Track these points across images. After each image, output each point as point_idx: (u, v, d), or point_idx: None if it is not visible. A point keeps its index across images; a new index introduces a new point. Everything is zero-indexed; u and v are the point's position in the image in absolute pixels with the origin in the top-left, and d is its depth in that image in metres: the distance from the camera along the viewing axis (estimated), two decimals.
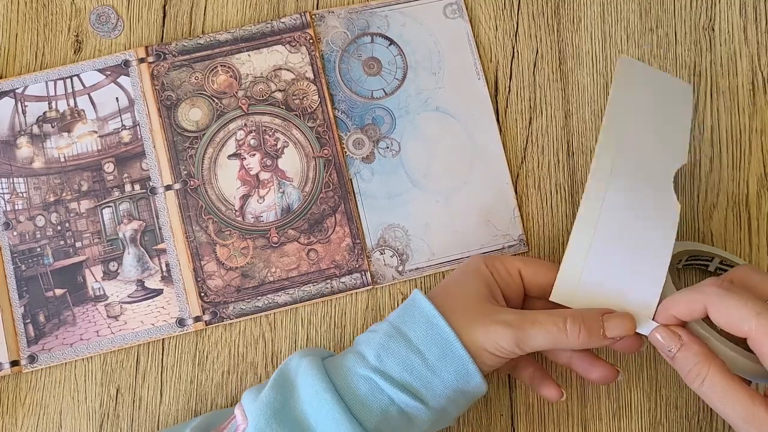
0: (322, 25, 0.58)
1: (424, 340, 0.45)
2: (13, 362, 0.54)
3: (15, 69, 0.58)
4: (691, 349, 0.43)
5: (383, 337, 0.46)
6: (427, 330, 0.45)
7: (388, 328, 0.46)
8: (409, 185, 0.56)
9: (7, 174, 0.56)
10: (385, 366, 0.45)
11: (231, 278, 0.55)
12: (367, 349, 0.46)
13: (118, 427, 0.54)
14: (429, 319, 0.45)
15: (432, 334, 0.45)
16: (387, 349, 0.45)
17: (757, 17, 0.58)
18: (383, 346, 0.45)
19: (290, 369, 0.46)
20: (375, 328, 0.47)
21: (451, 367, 0.45)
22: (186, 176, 0.56)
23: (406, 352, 0.45)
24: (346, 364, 0.45)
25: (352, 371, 0.45)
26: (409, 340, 0.45)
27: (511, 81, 0.58)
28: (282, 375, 0.46)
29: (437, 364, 0.45)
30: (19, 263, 0.55)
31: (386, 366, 0.45)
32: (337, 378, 0.45)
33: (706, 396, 0.43)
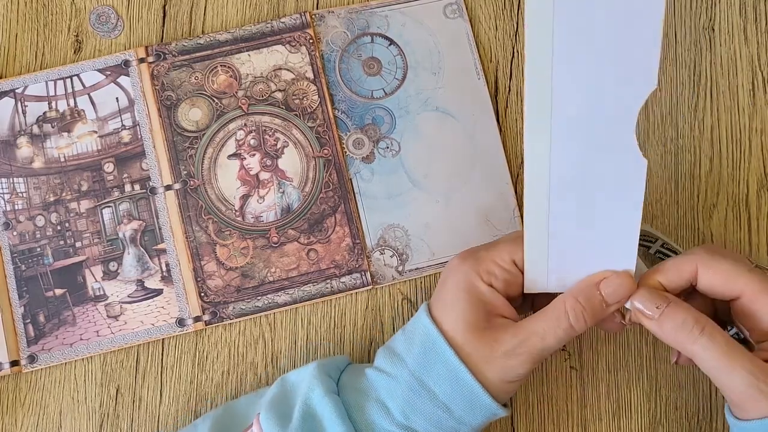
0: (322, 25, 0.58)
1: (451, 394, 0.44)
2: (13, 362, 0.54)
3: (15, 69, 0.58)
4: (682, 304, 0.41)
5: (407, 392, 0.44)
6: (452, 385, 0.44)
7: (410, 380, 0.44)
8: (409, 185, 0.56)
9: (7, 174, 0.56)
10: (412, 423, 0.44)
11: (231, 278, 0.55)
12: (391, 403, 0.45)
13: (118, 427, 0.54)
14: (454, 372, 0.44)
15: (458, 389, 0.44)
16: (412, 405, 0.44)
17: (757, 17, 0.58)
18: (408, 402, 0.44)
19: (315, 407, 0.45)
20: (391, 370, 0.45)
21: (478, 415, 0.44)
22: (186, 176, 0.56)
23: (432, 409, 0.44)
24: (372, 416, 0.45)
25: (378, 426, 0.44)
26: (435, 396, 0.44)
27: (511, 81, 0.58)
28: (309, 414, 0.45)
29: (464, 416, 0.44)
30: (19, 263, 0.55)
31: (413, 422, 0.44)
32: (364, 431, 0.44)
33: (703, 353, 0.40)
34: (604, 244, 0.43)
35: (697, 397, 0.54)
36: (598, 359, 0.54)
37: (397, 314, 0.55)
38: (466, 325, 0.44)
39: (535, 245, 0.44)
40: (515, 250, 0.45)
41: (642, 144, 0.57)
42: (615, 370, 0.54)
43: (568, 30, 0.39)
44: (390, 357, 0.46)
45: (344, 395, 0.46)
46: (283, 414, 0.46)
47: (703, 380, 0.54)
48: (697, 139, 0.57)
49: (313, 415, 0.45)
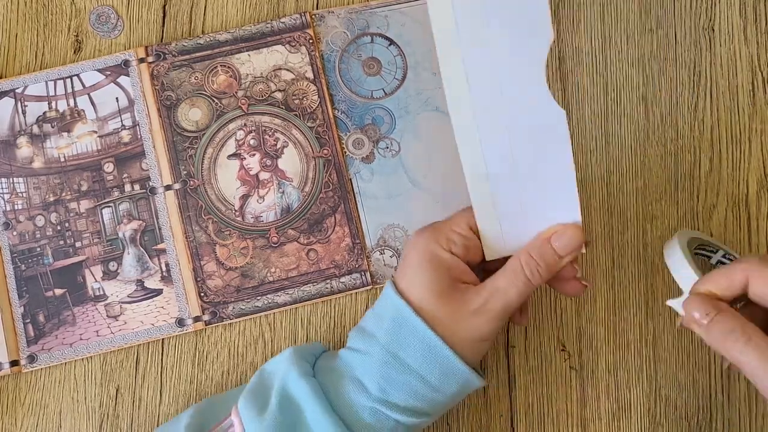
0: (321, 25, 0.58)
1: (424, 364, 0.45)
2: (12, 362, 0.54)
3: (15, 69, 0.58)
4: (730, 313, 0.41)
5: (381, 366, 0.45)
6: (425, 354, 0.45)
7: (383, 354, 0.45)
8: (409, 185, 0.56)
9: (7, 174, 0.56)
10: (389, 396, 0.45)
11: (231, 278, 0.55)
12: (367, 379, 0.45)
13: (118, 427, 0.54)
14: (425, 341, 0.45)
15: (431, 358, 0.45)
16: (388, 379, 0.45)
17: (757, 17, 0.58)
18: (383, 376, 0.45)
19: (292, 390, 0.46)
20: (364, 348, 0.46)
21: (453, 381, 0.45)
22: (186, 176, 0.56)
23: (408, 380, 0.45)
24: (348, 394, 0.45)
25: (356, 402, 0.45)
26: (409, 367, 0.45)
27: None
28: (286, 397, 0.46)
29: (440, 384, 0.45)
30: (18, 263, 0.55)
31: (390, 396, 0.45)
32: (342, 410, 0.45)
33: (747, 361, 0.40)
34: (547, 201, 0.46)
35: (697, 397, 0.54)
36: (598, 359, 0.54)
37: None
38: (431, 293, 0.45)
39: (484, 213, 0.47)
40: (470, 216, 0.47)
41: (642, 144, 0.57)
42: (615, 370, 0.54)
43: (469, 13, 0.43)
44: (362, 335, 0.47)
45: (319, 377, 0.47)
46: (262, 401, 0.46)
47: (703, 380, 0.54)
48: (697, 139, 0.57)
49: (289, 398, 0.46)
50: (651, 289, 0.55)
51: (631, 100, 0.58)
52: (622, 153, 0.57)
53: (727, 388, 0.54)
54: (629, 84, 0.58)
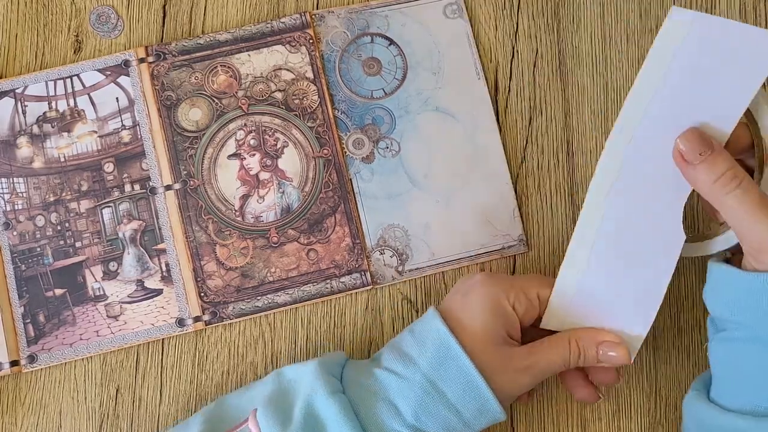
0: (322, 25, 0.58)
1: (463, 399, 0.45)
2: (12, 362, 0.54)
3: (15, 69, 0.58)
4: (724, 153, 0.41)
5: (420, 394, 0.45)
6: (465, 390, 0.45)
7: (423, 383, 0.45)
8: (409, 185, 0.56)
9: (7, 174, 0.56)
10: (423, 425, 0.45)
11: (231, 278, 0.55)
12: (402, 404, 0.45)
13: (118, 427, 0.54)
14: (469, 379, 0.45)
15: (471, 394, 0.45)
16: (425, 408, 0.45)
17: (757, 17, 0.58)
18: (421, 404, 0.45)
19: (318, 409, 0.46)
20: (404, 372, 0.46)
21: (484, 420, 0.47)
22: (186, 176, 0.56)
23: (444, 413, 0.45)
24: (381, 417, 0.45)
25: (388, 427, 0.45)
26: (447, 400, 0.45)
27: (511, 81, 0.58)
28: (311, 416, 0.45)
29: (473, 420, 0.46)
30: (19, 263, 0.55)
31: (424, 425, 0.45)
32: (372, 431, 0.45)
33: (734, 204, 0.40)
34: (625, 304, 0.48)
35: None
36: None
37: (397, 314, 0.55)
38: (486, 336, 0.46)
39: (564, 289, 0.49)
40: (542, 286, 0.49)
41: None
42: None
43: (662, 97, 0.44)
44: (401, 358, 0.47)
45: (349, 393, 0.46)
46: (283, 412, 0.46)
47: None
48: None
49: (315, 416, 0.45)
50: None
51: None
52: None
53: None
54: (629, 84, 0.58)
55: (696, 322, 0.55)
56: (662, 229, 0.46)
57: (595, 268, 0.48)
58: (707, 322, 0.46)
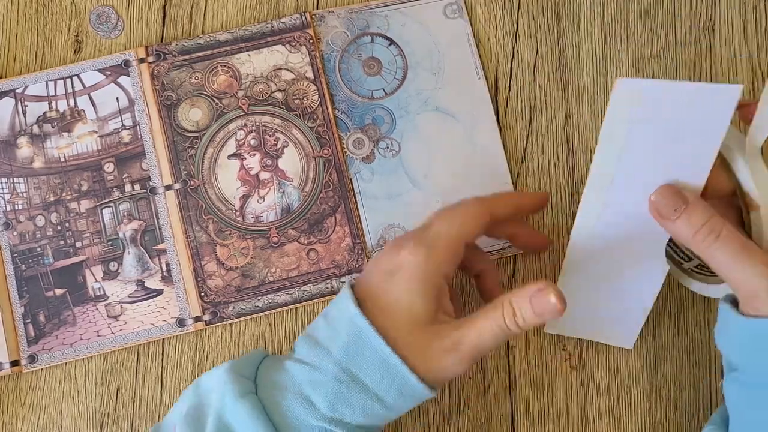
0: (322, 25, 0.58)
1: (381, 383, 0.43)
2: (13, 362, 0.54)
3: (15, 69, 0.58)
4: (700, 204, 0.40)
5: (335, 384, 0.42)
6: (382, 373, 0.43)
7: (337, 372, 0.43)
8: (409, 185, 0.56)
9: (7, 174, 0.56)
10: (341, 414, 0.43)
11: (231, 278, 0.55)
12: (317, 397, 0.43)
13: (118, 427, 0.54)
14: (383, 361, 0.42)
15: (388, 378, 0.43)
16: (341, 398, 0.42)
17: (757, 17, 0.58)
18: (335, 394, 0.42)
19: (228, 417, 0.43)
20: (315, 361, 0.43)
21: (409, 401, 0.44)
22: (186, 176, 0.56)
23: (363, 400, 0.43)
24: (294, 412, 0.43)
25: (302, 422, 0.42)
26: (365, 387, 0.43)
27: (511, 81, 0.58)
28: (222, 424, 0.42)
29: (394, 403, 0.43)
30: (19, 263, 0.55)
31: (342, 414, 0.43)
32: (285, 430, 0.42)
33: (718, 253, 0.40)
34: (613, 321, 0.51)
35: (697, 397, 0.54)
36: (598, 359, 0.55)
37: None
38: (411, 319, 0.43)
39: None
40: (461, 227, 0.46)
41: None
42: (615, 370, 0.54)
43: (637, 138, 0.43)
44: (313, 347, 0.44)
45: (261, 393, 0.44)
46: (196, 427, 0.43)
47: (704, 380, 0.54)
48: None
49: (226, 424, 0.43)
50: None
51: None
52: None
53: None
54: None
55: (696, 322, 0.55)
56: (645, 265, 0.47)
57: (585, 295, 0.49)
58: (722, 358, 0.46)
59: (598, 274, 0.48)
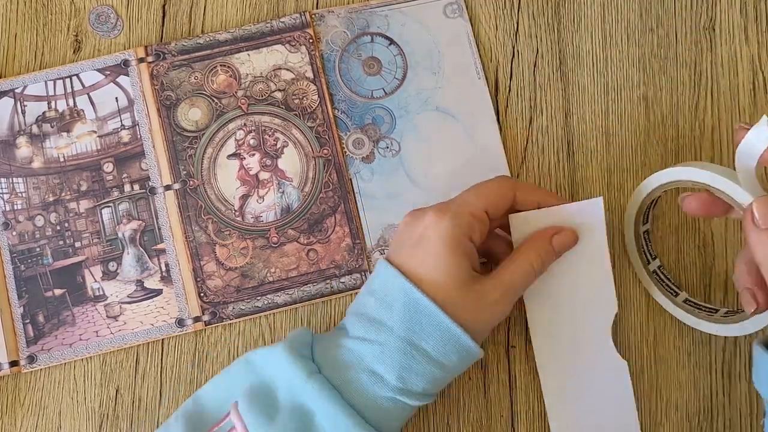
0: (321, 25, 0.58)
1: (444, 351, 0.46)
2: (12, 362, 0.54)
3: (14, 69, 0.58)
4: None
5: (400, 356, 0.45)
6: (445, 342, 0.45)
7: (401, 345, 0.45)
8: (409, 185, 0.56)
9: (7, 174, 0.56)
10: (408, 384, 0.45)
11: (230, 278, 0.55)
12: (384, 370, 0.45)
13: (118, 427, 0.53)
14: (445, 331, 0.45)
15: (451, 345, 0.45)
16: (408, 369, 0.45)
17: (758, 17, 0.58)
18: (403, 366, 0.45)
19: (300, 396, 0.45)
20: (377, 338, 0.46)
21: (465, 363, 0.47)
22: (185, 176, 0.56)
23: (428, 368, 0.46)
24: (364, 387, 0.45)
25: (373, 394, 0.45)
26: (429, 355, 0.45)
27: (511, 81, 0.58)
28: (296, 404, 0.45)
29: (454, 367, 0.46)
30: (18, 263, 0.55)
31: (409, 384, 0.45)
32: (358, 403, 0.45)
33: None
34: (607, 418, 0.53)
35: (697, 397, 0.54)
36: None
37: None
38: (455, 282, 0.46)
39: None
40: (487, 198, 0.48)
41: (642, 144, 0.57)
42: None
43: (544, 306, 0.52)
44: (369, 324, 0.46)
45: (326, 372, 0.46)
46: (266, 404, 0.45)
47: (704, 380, 0.54)
48: (698, 139, 0.57)
49: (300, 404, 0.45)
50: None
51: (631, 99, 0.57)
52: (622, 153, 0.57)
53: (727, 388, 0.54)
54: (629, 84, 0.58)
55: None
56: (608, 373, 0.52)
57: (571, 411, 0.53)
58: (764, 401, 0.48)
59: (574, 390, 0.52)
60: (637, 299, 0.55)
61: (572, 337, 0.52)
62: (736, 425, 0.54)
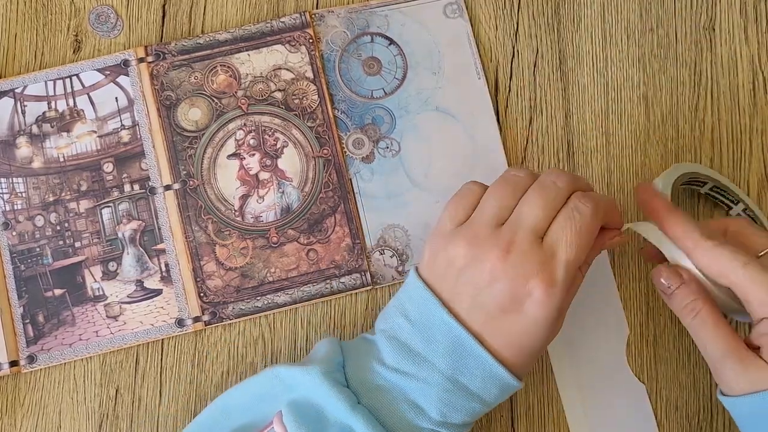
0: (321, 25, 0.58)
1: (485, 387, 0.45)
2: (12, 362, 0.54)
3: (14, 69, 0.58)
4: (690, 286, 0.47)
5: (442, 393, 0.44)
6: (486, 380, 0.45)
7: (443, 382, 0.44)
8: (409, 185, 0.56)
9: (7, 174, 0.56)
10: (450, 419, 0.45)
11: (230, 278, 0.55)
12: (426, 404, 0.45)
13: (118, 427, 0.53)
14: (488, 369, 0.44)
15: (493, 382, 0.45)
16: (449, 405, 0.45)
17: (758, 17, 0.58)
18: (444, 402, 0.45)
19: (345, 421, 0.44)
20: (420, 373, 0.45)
21: (505, 396, 0.47)
22: (185, 176, 0.56)
23: (469, 404, 0.45)
24: (407, 418, 0.45)
25: (415, 425, 0.45)
26: (471, 392, 0.45)
27: (511, 81, 0.58)
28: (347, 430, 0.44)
29: (495, 401, 0.46)
30: (18, 263, 0.55)
31: (450, 418, 0.45)
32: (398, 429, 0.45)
33: (695, 329, 0.46)
34: None
35: (697, 397, 0.54)
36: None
37: None
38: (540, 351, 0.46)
39: None
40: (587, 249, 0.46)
41: (642, 143, 0.57)
42: None
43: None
44: (410, 357, 0.45)
45: (366, 401, 0.45)
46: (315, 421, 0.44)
47: (704, 380, 0.54)
48: (698, 139, 0.57)
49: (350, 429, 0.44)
50: (651, 289, 0.55)
51: (631, 99, 0.57)
52: (622, 153, 0.57)
53: None
54: (629, 83, 0.58)
55: None
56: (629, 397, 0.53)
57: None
58: None
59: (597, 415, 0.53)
60: (637, 299, 0.55)
61: (591, 361, 0.53)
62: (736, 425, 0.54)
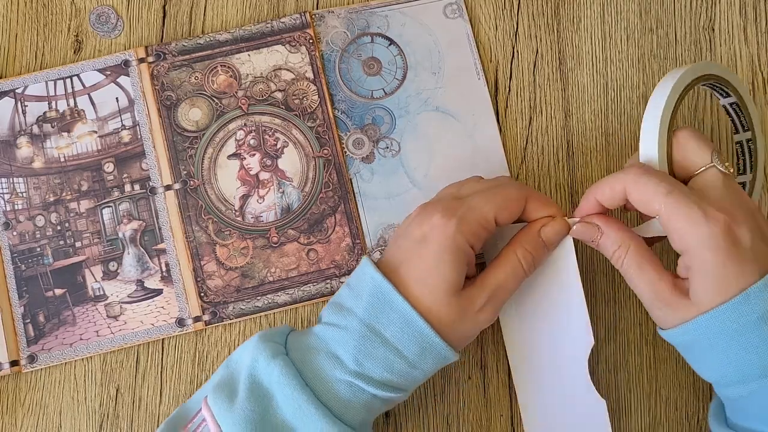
0: (322, 25, 0.58)
1: (401, 338, 0.45)
2: (12, 362, 0.54)
3: (15, 69, 0.58)
4: (610, 235, 0.46)
5: (358, 340, 0.45)
6: (403, 329, 0.45)
7: (361, 328, 0.45)
8: (409, 185, 0.56)
9: (7, 174, 0.56)
10: (365, 369, 0.45)
11: (231, 278, 0.55)
12: (342, 352, 0.45)
13: (118, 427, 0.54)
14: (405, 317, 0.45)
15: (409, 333, 0.45)
16: (365, 352, 0.45)
17: (757, 17, 0.58)
18: (359, 349, 0.45)
19: (261, 376, 0.45)
20: (341, 322, 0.46)
21: (430, 358, 0.46)
22: (186, 176, 0.56)
23: (385, 354, 0.45)
24: (323, 368, 0.45)
25: (331, 376, 0.45)
26: (387, 341, 0.45)
27: (511, 81, 0.58)
28: (255, 384, 0.45)
29: (417, 360, 0.45)
30: (18, 263, 0.55)
31: (366, 369, 0.45)
32: (316, 385, 0.45)
33: (627, 274, 0.46)
34: None
35: (697, 397, 0.54)
36: (598, 359, 0.54)
37: None
38: (447, 289, 0.45)
39: None
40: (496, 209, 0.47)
41: None
42: (615, 370, 0.54)
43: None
44: (338, 310, 0.47)
45: (292, 355, 0.46)
46: (231, 391, 0.45)
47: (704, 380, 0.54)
48: None
49: (259, 383, 0.45)
50: None
51: (631, 99, 0.58)
52: (622, 153, 0.57)
53: None
54: (629, 84, 0.58)
55: None
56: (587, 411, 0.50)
57: None
58: None
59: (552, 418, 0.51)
60: (635, 299, 0.55)
61: (549, 364, 0.51)
62: None
